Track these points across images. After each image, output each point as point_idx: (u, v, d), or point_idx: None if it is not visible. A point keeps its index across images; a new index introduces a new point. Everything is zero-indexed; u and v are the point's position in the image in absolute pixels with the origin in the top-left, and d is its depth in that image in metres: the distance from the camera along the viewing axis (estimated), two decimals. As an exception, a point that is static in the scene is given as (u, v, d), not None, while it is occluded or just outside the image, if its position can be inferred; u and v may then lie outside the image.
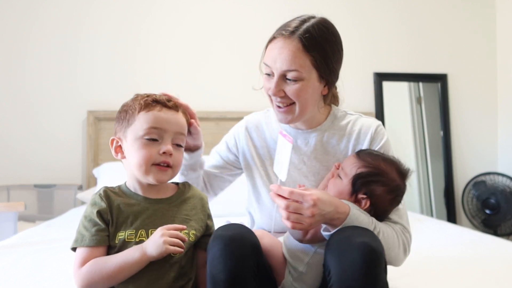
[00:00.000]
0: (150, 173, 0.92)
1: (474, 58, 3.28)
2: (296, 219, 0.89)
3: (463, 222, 3.17)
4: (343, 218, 0.93)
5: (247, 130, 1.28)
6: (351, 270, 0.83)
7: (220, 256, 0.88)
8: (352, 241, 0.86)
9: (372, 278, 0.83)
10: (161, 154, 0.92)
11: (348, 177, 1.03)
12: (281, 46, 1.06)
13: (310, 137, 1.20)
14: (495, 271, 1.34)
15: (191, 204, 1.00)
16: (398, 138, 3.17)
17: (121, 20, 2.87)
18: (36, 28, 2.78)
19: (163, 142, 0.93)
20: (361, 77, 3.11)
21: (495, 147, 3.28)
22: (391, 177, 1.02)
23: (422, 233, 1.86)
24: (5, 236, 1.88)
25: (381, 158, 1.05)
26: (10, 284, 1.19)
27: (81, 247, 0.89)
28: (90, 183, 2.72)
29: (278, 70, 1.06)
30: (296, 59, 1.05)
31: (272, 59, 1.07)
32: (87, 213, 0.92)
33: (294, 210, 0.89)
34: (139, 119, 0.93)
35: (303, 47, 1.05)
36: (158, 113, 0.93)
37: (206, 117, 2.84)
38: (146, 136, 0.92)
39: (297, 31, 1.06)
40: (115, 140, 0.97)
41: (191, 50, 2.93)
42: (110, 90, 2.83)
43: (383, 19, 3.17)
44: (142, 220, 0.92)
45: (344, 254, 0.85)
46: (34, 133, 2.75)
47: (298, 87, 1.07)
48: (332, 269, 0.87)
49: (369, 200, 1.01)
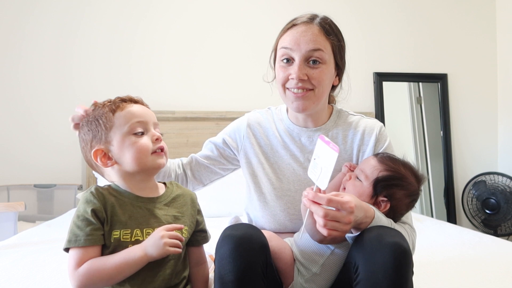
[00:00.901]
0: (151, 161, 0.94)
1: (474, 58, 3.28)
2: (333, 226, 0.87)
3: (463, 222, 3.17)
4: (369, 222, 0.94)
5: (249, 127, 1.27)
6: (382, 269, 0.84)
7: (229, 256, 0.88)
8: (384, 240, 0.87)
9: (402, 278, 0.84)
10: (154, 141, 0.94)
11: (369, 180, 1.05)
12: (304, 29, 1.11)
13: (315, 135, 1.20)
14: (495, 271, 1.34)
15: (181, 201, 1.00)
16: (398, 138, 3.17)
17: (119, 20, 2.87)
18: (35, 28, 2.78)
19: (149, 132, 0.95)
20: (361, 77, 3.12)
21: (495, 147, 3.28)
22: (410, 181, 1.05)
23: (422, 233, 1.86)
24: (5, 236, 1.88)
25: (401, 163, 1.07)
26: (10, 284, 1.19)
27: (76, 247, 0.87)
28: (90, 183, 2.72)
29: (302, 51, 1.10)
30: (320, 40, 1.10)
31: (295, 42, 1.10)
32: (80, 212, 0.90)
33: (333, 218, 0.87)
34: (117, 119, 0.93)
35: (324, 31, 1.12)
36: (133, 109, 0.95)
37: (206, 117, 2.84)
38: (133, 131, 0.93)
39: (314, 19, 1.14)
40: (98, 151, 0.94)
41: (190, 50, 2.93)
42: (109, 91, 2.81)
43: (383, 19, 3.17)
44: (136, 219, 0.92)
45: (375, 253, 0.86)
46: (34, 133, 2.75)
47: (320, 70, 1.11)
48: (361, 266, 0.88)
49: (389, 203, 1.03)
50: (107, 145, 0.94)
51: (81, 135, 0.98)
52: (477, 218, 3.04)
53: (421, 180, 1.07)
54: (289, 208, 1.20)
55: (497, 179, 3.00)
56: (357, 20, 3.13)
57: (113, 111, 0.94)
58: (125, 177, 0.95)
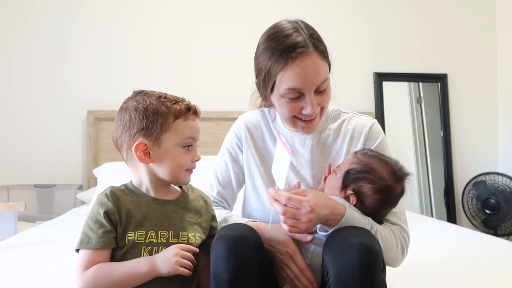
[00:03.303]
0: (182, 177, 0.97)
1: (474, 58, 3.28)
2: (293, 223, 0.90)
3: (463, 222, 3.17)
4: (338, 219, 0.93)
5: (247, 129, 1.25)
6: (349, 271, 0.83)
7: (224, 256, 0.88)
8: (349, 241, 0.86)
9: (370, 278, 0.83)
10: (193, 161, 0.97)
11: (341, 173, 1.05)
12: (307, 64, 1.00)
13: (307, 138, 1.19)
14: (495, 271, 1.34)
15: (196, 206, 1.01)
16: (398, 138, 3.17)
17: (120, 18, 2.87)
18: (35, 27, 2.78)
19: (193, 149, 0.98)
20: (361, 77, 3.11)
21: (495, 147, 3.28)
22: (380, 176, 1.01)
23: (422, 233, 1.86)
24: (5, 236, 1.88)
25: (377, 158, 1.04)
26: (10, 284, 1.19)
27: (87, 249, 0.87)
28: (90, 183, 2.72)
29: (313, 88, 1.02)
30: (325, 69, 1.04)
31: (303, 80, 1.01)
32: (94, 214, 0.90)
33: (292, 216, 0.90)
34: (176, 127, 0.93)
35: (321, 56, 1.03)
36: (193, 123, 0.97)
37: (206, 117, 2.84)
38: (183, 144, 0.95)
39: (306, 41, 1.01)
40: (142, 144, 0.91)
41: (190, 50, 2.93)
42: (110, 90, 2.83)
43: (383, 19, 3.17)
44: (151, 221, 0.92)
45: (341, 254, 0.85)
46: (34, 133, 2.75)
47: (326, 92, 1.07)
48: (330, 269, 0.87)
49: (355, 196, 1.01)
50: (154, 144, 0.92)
51: (128, 115, 0.93)
52: (477, 218, 3.04)
53: (399, 178, 1.02)
54: None
55: (497, 179, 3.00)
56: (357, 20, 3.13)
57: (175, 117, 0.93)
58: (152, 178, 0.96)
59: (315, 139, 1.19)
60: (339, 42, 2.96)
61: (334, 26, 3.01)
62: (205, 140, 2.83)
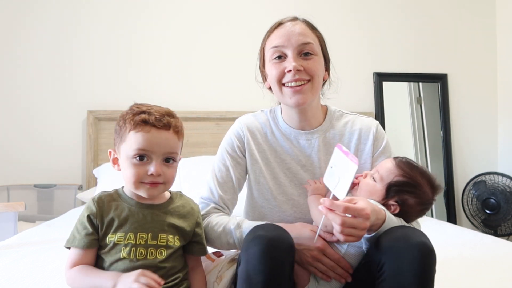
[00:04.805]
0: (141, 189, 0.96)
1: (474, 58, 3.28)
2: (350, 232, 0.89)
3: (463, 222, 3.17)
4: (380, 224, 0.95)
5: (250, 132, 1.23)
6: (410, 267, 0.86)
7: (259, 256, 0.88)
8: (411, 240, 0.89)
9: (428, 276, 0.87)
10: (149, 175, 0.94)
11: (384, 182, 1.05)
12: (291, 25, 1.14)
13: (313, 138, 1.19)
14: (495, 271, 1.34)
15: (182, 211, 1.03)
16: (398, 138, 3.17)
17: (120, 19, 2.87)
18: (35, 28, 2.78)
19: (151, 162, 0.94)
20: (361, 77, 3.11)
21: (495, 147, 3.28)
22: (425, 191, 1.04)
23: (422, 233, 1.86)
24: (5, 236, 1.88)
25: (419, 171, 1.06)
26: (10, 284, 1.19)
27: (72, 247, 0.96)
28: (90, 183, 2.72)
29: (294, 45, 1.11)
30: (308, 34, 1.14)
31: (286, 38, 1.12)
32: (81, 216, 0.98)
33: (350, 225, 0.89)
34: (129, 138, 0.94)
35: (309, 26, 1.17)
36: (146, 135, 0.93)
37: (206, 117, 2.84)
38: (134, 156, 0.94)
39: (297, 18, 1.18)
40: (110, 152, 1.01)
41: (190, 50, 2.93)
42: (110, 90, 2.83)
43: (383, 19, 3.17)
44: (132, 224, 0.96)
45: (402, 252, 0.88)
46: (34, 133, 2.75)
47: (314, 60, 1.13)
48: (387, 264, 0.90)
49: (399, 207, 1.04)
50: (117, 154, 0.99)
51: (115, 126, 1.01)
52: (477, 218, 3.04)
53: (437, 190, 1.07)
54: (295, 212, 1.18)
55: (497, 179, 3.00)
56: (357, 20, 3.13)
57: (130, 128, 0.94)
58: None
59: (321, 138, 1.19)
60: (339, 42, 2.96)
61: (334, 26, 3.01)
62: (205, 140, 2.83)
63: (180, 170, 2.35)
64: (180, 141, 1.00)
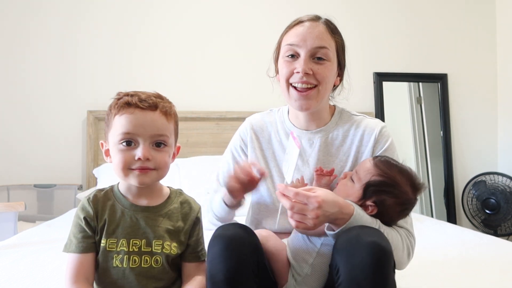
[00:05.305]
0: (130, 177, 0.89)
1: (474, 58, 3.28)
2: (301, 219, 0.90)
3: (463, 222, 3.17)
4: (346, 219, 0.93)
5: (253, 130, 1.25)
6: (360, 269, 0.83)
7: (220, 256, 0.88)
8: (362, 240, 0.86)
9: (381, 277, 0.83)
10: (136, 160, 0.87)
11: (361, 183, 1.02)
12: (310, 26, 1.12)
13: (315, 138, 1.19)
14: (495, 271, 1.34)
15: (178, 215, 0.96)
16: (398, 138, 3.13)
17: (120, 19, 2.87)
18: (36, 28, 2.78)
19: (138, 146, 0.88)
20: (361, 77, 3.11)
21: (495, 147, 3.28)
22: (404, 190, 1.00)
23: (422, 233, 1.86)
24: (5, 236, 1.88)
25: (398, 169, 1.02)
26: (10, 284, 1.19)
27: (70, 252, 0.90)
28: (90, 183, 2.72)
29: (308, 47, 1.10)
30: (326, 38, 1.12)
31: (302, 38, 1.11)
32: (76, 218, 0.91)
33: (299, 211, 0.89)
34: (115, 124, 0.89)
35: (329, 30, 1.14)
36: (130, 116, 0.87)
37: (206, 117, 2.84)
38: (120, 141, 0.88)
39: (320, 19, 1.16)
40: (101, 144, 0.96)
41: (191, 50, 2.93)
42: (110, 90, 2.80)
43: (383, 19, 3.17)
44: (124, 229, 0.90)
45: (353, 253, 0.85)
46: (34, 133, 2.75)
47: (325, 66, 1.11)
48: (341, 268, 0.87)
49: (376, 208, 1.00)
50: (107, 143, 0.94)
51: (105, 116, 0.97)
52: (477, 218, 3.04)
53: (418, 189, 1.02)
54: None
55: (497, 179, 3.00)
56: (357, 20, 3.13)
57: (115, 113, 0.90)
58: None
59: (323, 139, 1.19)
60: (339, 42, 2.96)
61: (334, 26, 3.01)
62: (205, 140, 2.83)
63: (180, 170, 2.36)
64: (170, 124, 0.93)
